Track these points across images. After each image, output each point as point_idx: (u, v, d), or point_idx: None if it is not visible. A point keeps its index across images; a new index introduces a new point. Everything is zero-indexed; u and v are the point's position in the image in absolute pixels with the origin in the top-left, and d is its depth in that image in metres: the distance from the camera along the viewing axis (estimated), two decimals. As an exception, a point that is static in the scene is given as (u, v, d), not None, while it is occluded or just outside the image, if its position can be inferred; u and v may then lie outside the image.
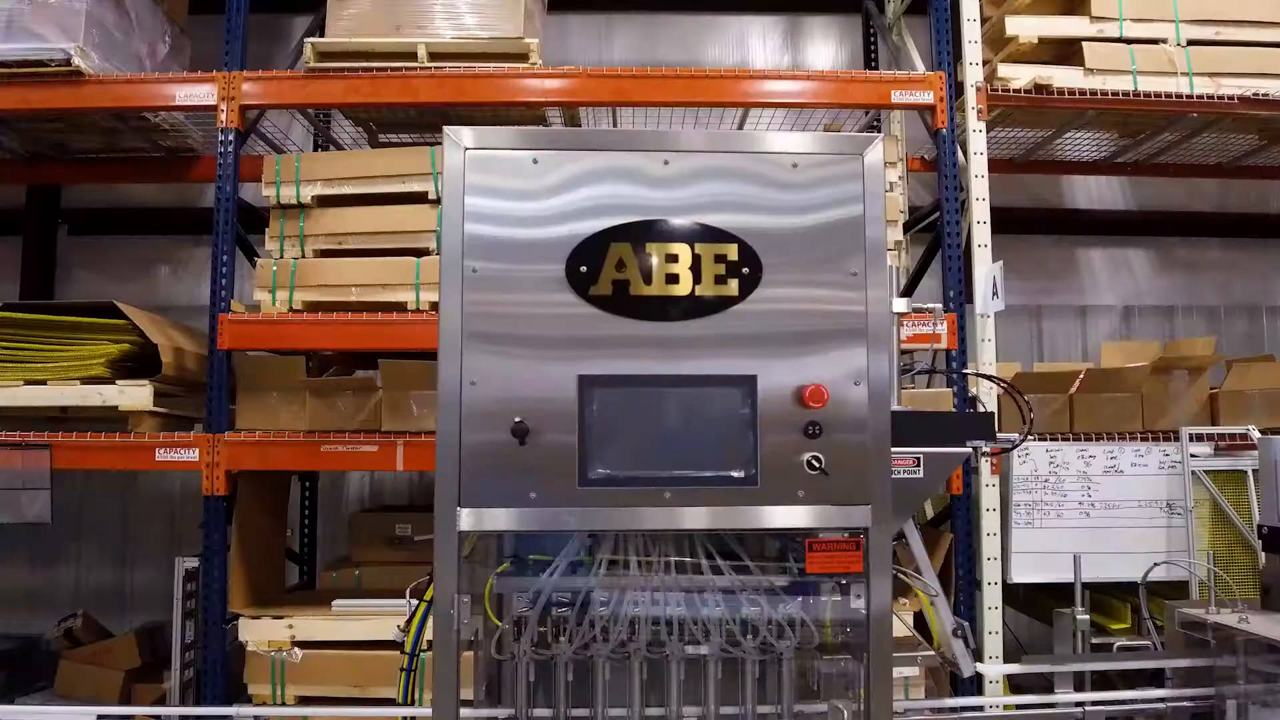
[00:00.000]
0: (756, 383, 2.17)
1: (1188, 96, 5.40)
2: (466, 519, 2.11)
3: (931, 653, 2.59)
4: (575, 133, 2.81)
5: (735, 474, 2.14)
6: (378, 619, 4.90)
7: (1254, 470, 5.09)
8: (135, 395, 4.98)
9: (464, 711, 2.30)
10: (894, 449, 2.27)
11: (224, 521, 5.05)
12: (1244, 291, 7.34)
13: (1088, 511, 5.16)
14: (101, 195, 7.09)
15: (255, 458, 5.05)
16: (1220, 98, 5.41)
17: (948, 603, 2.55)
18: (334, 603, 5.20)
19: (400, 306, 5.09)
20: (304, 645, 4.94)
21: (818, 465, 2.14)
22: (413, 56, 5.24)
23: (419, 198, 5.21)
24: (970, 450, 2.51)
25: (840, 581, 2.35)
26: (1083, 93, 5.35)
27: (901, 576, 2.54)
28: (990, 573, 5.05)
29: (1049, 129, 6.03)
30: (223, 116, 5.15)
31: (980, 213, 5.24)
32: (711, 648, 2.41)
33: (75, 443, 4.98)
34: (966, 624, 2.58)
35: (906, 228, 5.96)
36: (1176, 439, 5.22)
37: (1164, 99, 5.37)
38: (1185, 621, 2.72)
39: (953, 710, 2.67)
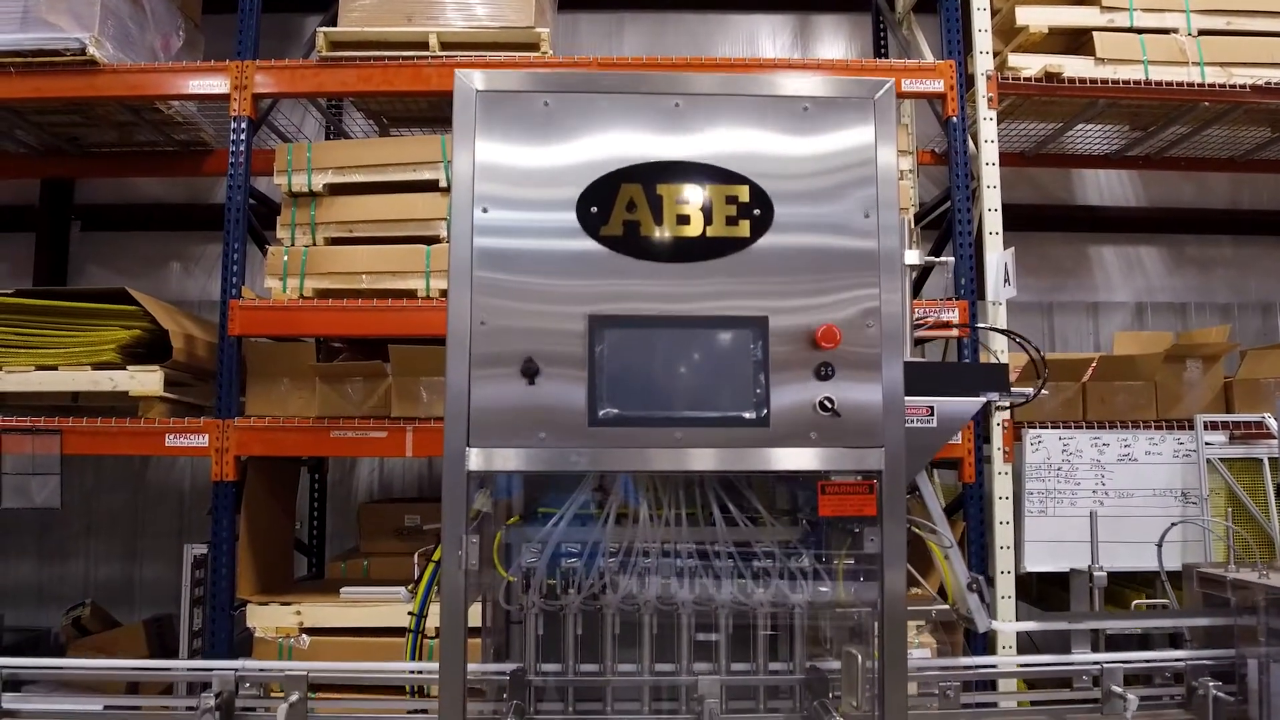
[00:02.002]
0: (768, 323, 2.15)
1: (1199, 85, 5.39)
2: (475, 458, 2.09)
3: (946, 607, 2.56)
4: (587, 76, 2.81)
5: (746, 414, 2.12)
6: (385, 605, 4.87)
7: (1270, 458, 5.05)
8: (146, 380, 4.99)
9: (471, 666, 2.27)
10: (907, 398, 2.25)
11: (233, 508, 5.03)
12: (1258, 289, 7.30)
13: (1101, 500, 5.11)
14: (114, 191, 7.13)
15: (265, 443, 5.04)
16: (1232, 86, 5.40)
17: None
18: (342, 590, 5.18)
19: (410, 294, 5.09)
20: (312, 632, 4.91)
21: (829, 406, 2.11)
22: (424, 46, 5.27)
23: (429, 186, 5.23)
24: (984, 400, 2.49)
25: (853, 529, 2.32)
26: (1093, 82, 5.34)
27: (915, 529, 2.51)
28: (1003, 562, 5.00)
29: (1059, 121, 6.02)
30: (235, 105, 5.18)
31: (991, 200, 5.22)
32: (723, 599, 2.38)
33: (85, 428, 4.98)
34: (981, 578, 2.55)
35: (917, 219, 5.94)
36: (1191, 427, 5.17)
37: (1175, 87, 5.36)
38: (1204, 580, 2.68)
39: (966, 669, 2.63)
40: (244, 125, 5.18)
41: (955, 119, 5.28)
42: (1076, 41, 5.52)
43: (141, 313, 5.07)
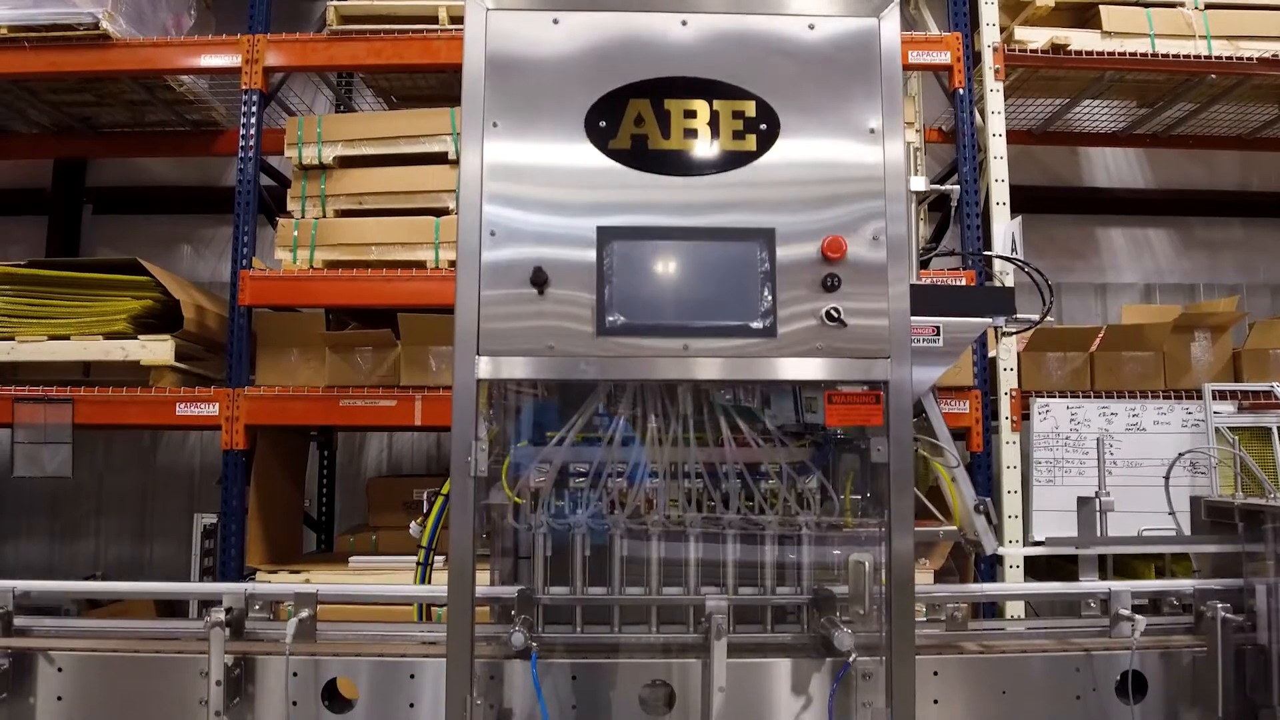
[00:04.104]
0: (774, 235, 2.17)
1: (1206, 58, 5.39)
2: (485, 367, 2.11)
3: (953, 529, 2.56)
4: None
5: (753, 324, 2.13)
6: (394, 574, 4.89)
7: (1278, 427, 5.03)
8: (157, 350, 5.02)
9: (480, 590, 2.28)
10: (913, 318, 2.26)
11: (243, 477, 5.06)
12: (1267, 271, 7.29)
13: (1109, 470, 5.08)
14: (125, 174, 7.19)
15: (274, 412, 5.07)
16: (1239, 59, 5.41)
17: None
18: (351, 559, 5.21)
19: (419, 265, 5.12)
20: (320, 601, 4.91)
21: (836, 316, 2.13)
22: (434, 20, 5.31)
23: (438, 158, 5.26)
24: (989, 321, 2.50)
25: (860, 446, 2.33)
26: (1100, 54, 5.36)
27: (922, 452, 2.52)
28: (1011, 531, 4.99)
29: (1065, 97, 6.03)
30: (247, 78, 5.22)
31: (998, 171, 5.24)
32: (731, 518, 2.39)
33: (97, 397, 5.02)
34: (989, 500, 2.56)
35: (921, 199, 5.95)
36: (1199, 397, 5.16)
37: (1182, 59, 5.37)
38: (1211, 509, 2.68)
39: (973, 594, 2.63)
40: (255, 99, 5.23)
41: (962, 90, 5.30)
42: (1083, 16, 5.53)
43: (153, 283, 5.11)
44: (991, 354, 5.23)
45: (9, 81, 5.64)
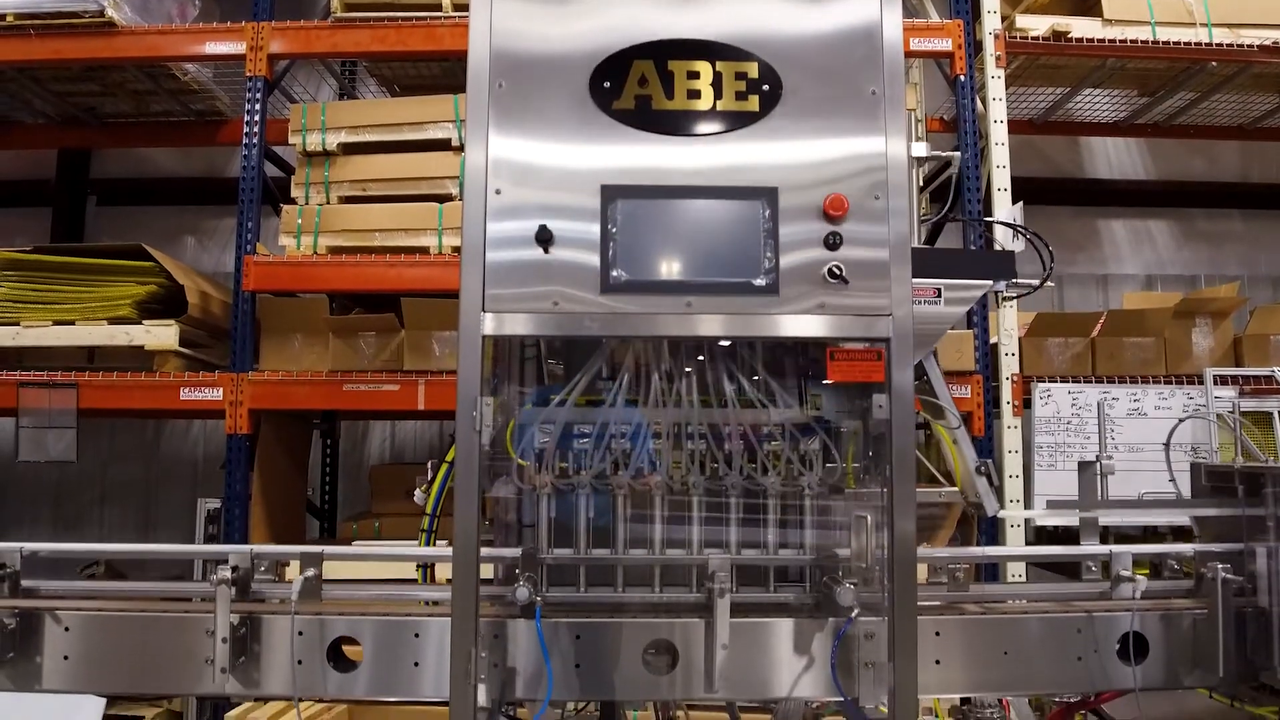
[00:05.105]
0: (777, 194, 2.18)
1: (1207, 45, 5.41)
2: (490, 323, 2.12)
3: (954, 489, 2.57)
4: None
5: (756, 282, 2.15)
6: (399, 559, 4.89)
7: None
8: (161, 335, 5.05)
9: (484, 550, 2.30)
10: (915, 280, 2.28)
11: (246, 462, 5.08)
12: (1268, 263, 7.31)
13: (1110, 455, 5.10)
14: (129, 166, 7.22)
15: (278, 397, 5.09)
16: (1240, 46, 5.43)
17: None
18: (354, 543, 5.22)
19: (423, 251, 5.14)
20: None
21: (838, 273, 2.14)
22: (437, 7, 5.33)
23: (441, 145, 5.28)
24: (990, 283, 2.51)
25: (863, 405, 2.34)
26: (1100, 42, 5.38)
27: (923, 412, 2.53)
28: (1013, 516, 5.00)
29: (1066, 85, 6.06)
30: (251, 65, 5.25)
31: (999, 157, 5.26)
32: (733, 479, 2.40)
33: (101, 382, 5.04)
34: (990, 461, 2.57)
35: (923, 184, 5.97)
36: (1200, 382, 5.17)
37: (1182, 47, 5.39)
38: (1212, 474, 2.69)
39: (975, 556, 2.64)
40: (259, 86, 5.26)
41: (963, 78, 5.32)
42: (1084, 4, 5.56)
43: (157, 269, 5.14)
44: (993, 340, 5.25)
45: (15, 70, 5.68)
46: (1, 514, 6.79)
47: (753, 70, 2.24)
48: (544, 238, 2.14)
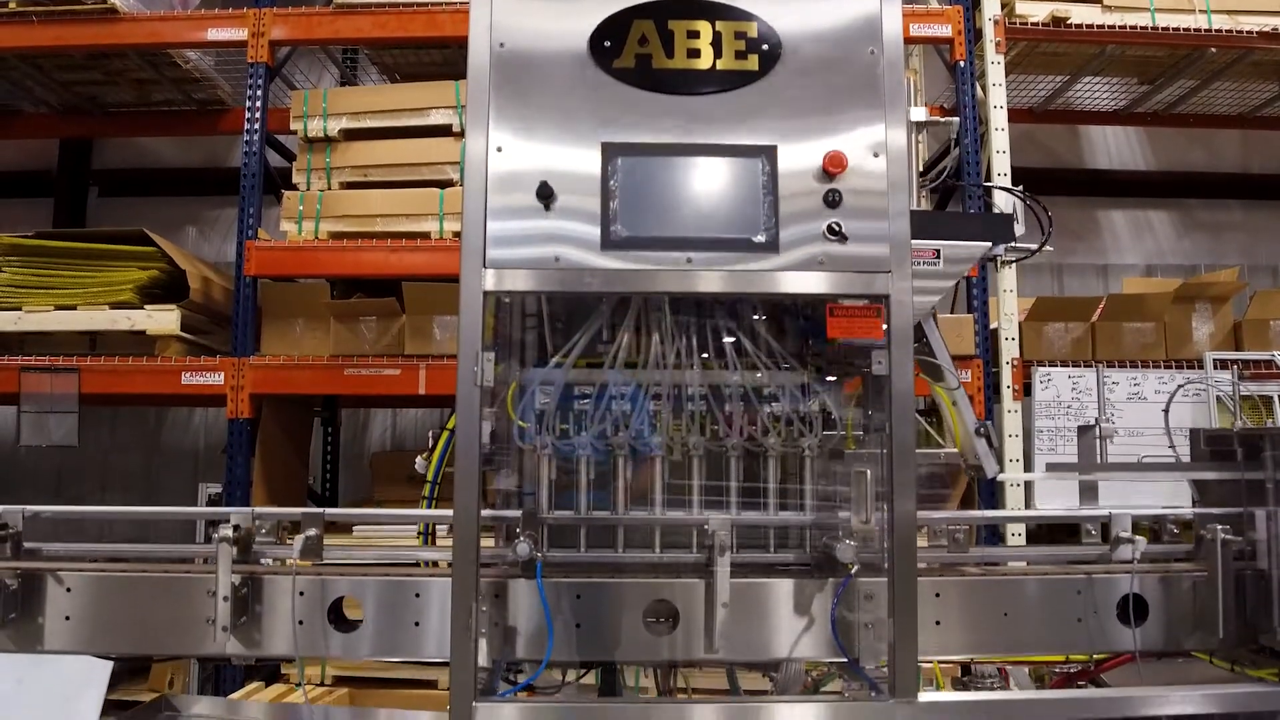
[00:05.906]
0: (776, 152, 2.19)
1: (1206, 31, 5.42)
2: (491, 279, 2.13)
3: (953, 451, 2.58)
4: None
5: (756, 239, 2.16)
6: (400, 541, 4.89)
7: (1280, 395, 5.06)
8: (163, 319, 5.06)
9: (485, 512, 2.30)
10: (914, 242, 2.29)
11: (248, 447, 5.08)
12: (1268, 253, 7.31)
13: (1110, 438, 5.10)
14: (130, 156, 7.24)
15: (279, 381, 5.10)
16: (1240, 33, 5.44)
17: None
18: (355, 528, 5.22)
19: (424, 236, 5.15)
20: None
21: (837, 230, 2.15)
22: (439, -7, 5.35)
23: (442, 130, 5.30)
24: (988, 246, 2.52)
25: (862, 368, 2.34)
26: (1100, 28, 5.39)
27: (922, 374, 2.53)
28: (1013, 501, 5.00)
29: (1066, 73, 6.06)
30: (253, 51, 5.27)
31: (999, 142, 5.27)
32: (734, 440, 2.41)
33: (103, 366, 5.05)
34: (989, 423, 2.57)
35: (924, 171, 5.97)
36: (1200, 367, 5.18)
37: (1182, 33, 5.40)
38: (1210, 438, 2.69)
39: (974, 518, 2.65)
40: (261, 72, 5.28)
41: (963, 63, 5.33)
42: (1083, -8, 5.57)
43: (159, 254, 5.15)
44: (993, 325, 5.26)
45: (17, 58, 5.69)
46: (3, 505, 6.77)
47: (752, 30, 2.25)
48: (545, 194, 2.15)
